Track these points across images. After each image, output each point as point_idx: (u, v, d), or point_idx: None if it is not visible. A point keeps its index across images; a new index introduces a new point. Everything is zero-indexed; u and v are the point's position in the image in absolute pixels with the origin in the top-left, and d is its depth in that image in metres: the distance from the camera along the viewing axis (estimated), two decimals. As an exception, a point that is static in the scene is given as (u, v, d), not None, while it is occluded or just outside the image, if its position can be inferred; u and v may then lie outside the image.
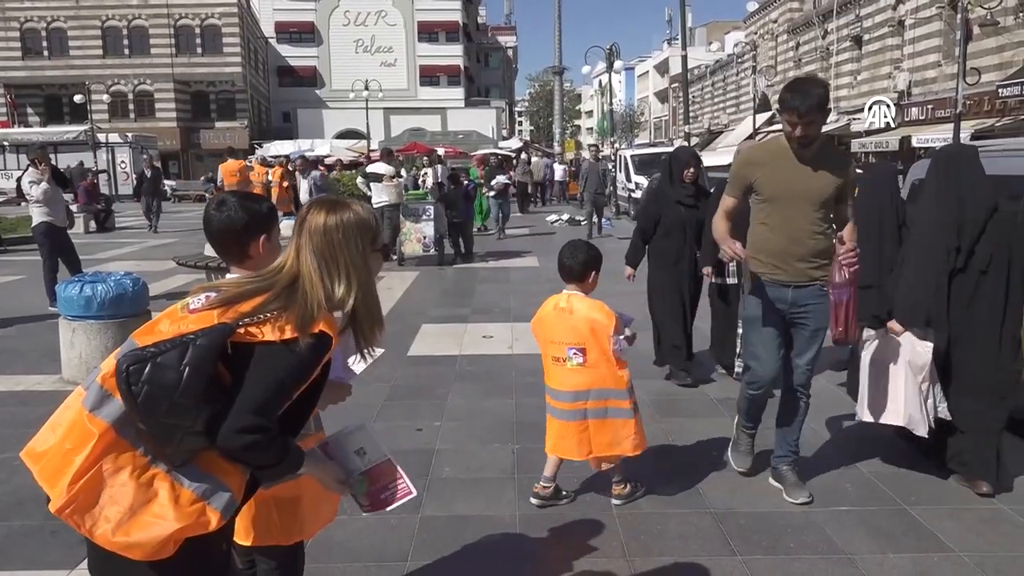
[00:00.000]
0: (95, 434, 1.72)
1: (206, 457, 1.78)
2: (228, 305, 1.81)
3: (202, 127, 47.86)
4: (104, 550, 1.73)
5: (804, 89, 3.50)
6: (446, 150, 26.52)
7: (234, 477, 1.82)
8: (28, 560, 3.36)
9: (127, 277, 6.10)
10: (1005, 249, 3.86)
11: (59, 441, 1.75)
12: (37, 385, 6.03)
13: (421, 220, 12.80)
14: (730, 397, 5.51)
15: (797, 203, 3.68)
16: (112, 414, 1.73)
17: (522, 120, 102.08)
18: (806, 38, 39.94)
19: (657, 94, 77.01)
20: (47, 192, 8.85)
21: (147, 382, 1.66)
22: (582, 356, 3.69)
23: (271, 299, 1.82)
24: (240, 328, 1.77)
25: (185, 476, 1.76)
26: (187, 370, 1.68)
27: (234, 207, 2.15)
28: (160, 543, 1.72)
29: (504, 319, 8.31)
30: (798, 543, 3.47)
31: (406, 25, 54.75)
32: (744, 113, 45.84)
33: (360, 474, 2.05)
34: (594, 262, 3.79)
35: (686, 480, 4.15)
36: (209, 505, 1.77)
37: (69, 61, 46.50)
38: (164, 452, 1.74)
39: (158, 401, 1.67)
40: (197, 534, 1.76)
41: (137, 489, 1.72)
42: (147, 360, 1.68)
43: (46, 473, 1.74)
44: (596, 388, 3.67)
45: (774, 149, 3.80)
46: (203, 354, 1.70)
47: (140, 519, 1.71)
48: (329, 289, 1.87)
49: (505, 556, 3.42)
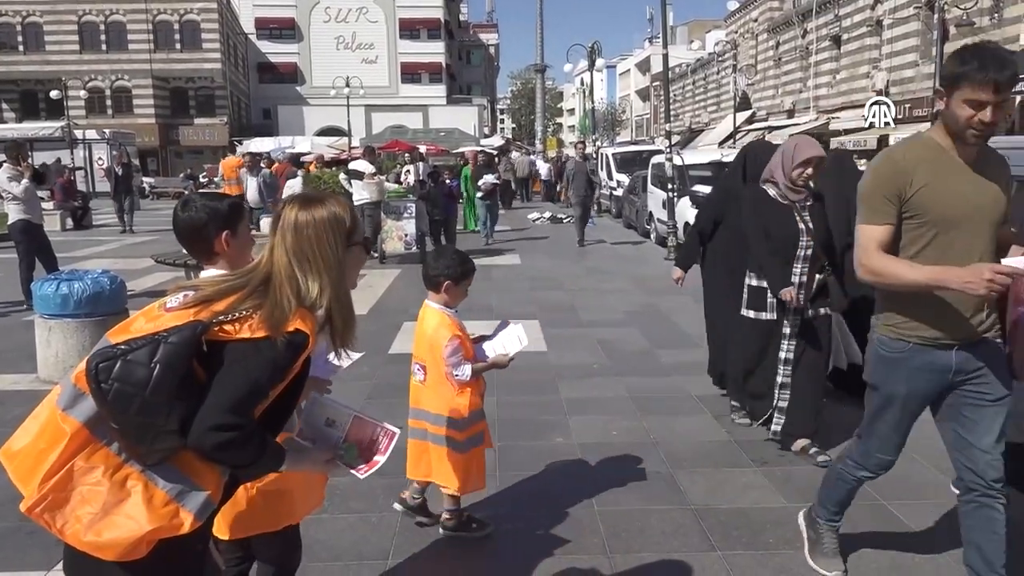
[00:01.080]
0: (67, 433, 1.70)
1: (182, 458, 1.75)
2: (204, 304, 1.80)
3: (181, 123, 47.46)
4: (76, 553, 1.72)
5: (998, 55, 2.48)
6: (428, 147, 26.47)
7: (210, 478, 1.80)
8: (4, 561, 3.33)
9: (104, 275, 6.04)
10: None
11: (33, 440, 1.74)
12: (14, 384, 5.96)
13: (403, 218, 12.78)
14: (710, 394, 5.54)
15: (975, 225, 2.64)
16: (85, 412, 1.71)
17: (504, 118, 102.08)
18: (786, 37, 40.24)
19: (639, 92, 77.27)
20: (28, 189, 8.75)
21: (116, 379, 1.65)
22: (422, 373, 3.37)
23: (244, 297, 1.81)
24: (215, 326, 1.75)
25: (160, 476, 1.74)
26: (157, 367, 1.66)
27: (197, 206, 2.19)
28: (132, 544, 1.69)
29: (486, 317, 8.28)
30: (777, 538, 3.50)
31: (387, 22, 54.55)
32: (725, 111, 46.09)
33: (344, 443, 2.04)
34: (447, 272, 3.31)
35: (667, 477, 4.17)
36: (183, 507, 1.74)
37: (45, 56, 45.92)
38: (138, 451, 1.72)
39: (128, 399, 1.65)
40: (170, 535, 1.74)
41: (110, 489, 1.70)
42: (117, 357, 1.67)
43: (20, 472, 1.73)
44: (433, 412, 3.34)
45: (928, 149, 2.66)
46: (174, 351, 1.68)
47: (112, 519, 1.69)
48: (302, 287, 1.85)
49: (485, 553, 3.43)
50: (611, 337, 7.40)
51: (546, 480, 4.16)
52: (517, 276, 11.29)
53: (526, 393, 5.68)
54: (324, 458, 2.03)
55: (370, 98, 48.68)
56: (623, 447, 4.60)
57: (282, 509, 2.43)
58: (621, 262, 12.68)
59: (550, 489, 4.03)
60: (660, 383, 5.93)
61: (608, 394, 5.66)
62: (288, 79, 54.24)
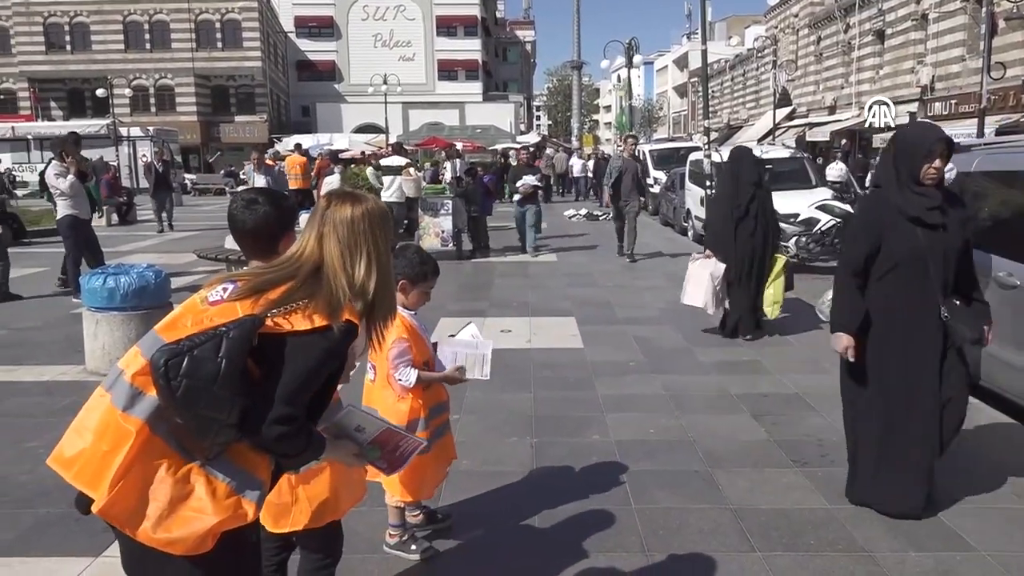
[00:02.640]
0: (132, 432, 1.72)
1: (235, 449, 1.79)
2: (251, 296, 1.81)
3: (222, 121, 48.19)
4: (142, 547, 1.73)
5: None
6: (464, 144, 26.53)
7: (263, 467, 1.84)
8: (53, 547, 3.41)
9: (149, 269, 6.16)
10: (764, 208, 7.03)
11: (93, 443, 1.75)
12: (61, 376, 6.10)
13: (439, 214, 12.81)
14: (748, 393, 5.49)
15: None
16: (146, 411, 1.74)
17: (540, 115, 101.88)
18: (827, 32, 39.53)
19: (676, 88, 76.57)
20: (75, 185, 8.95)
21: (186, 376, 1.66)
22: (373, 372, 3.22)
23: (296, 288, 1.83)
24: (269, 319, 1.77)
25: (218, 470, 1.77)
26: (223, 362, 1.68)
27: (267, 204, 2.18)
28: (200, 538, 1.73)
29: (522, 313, 8.31)
30: (818, 540, 3.45)
31: (424, 19, 54.78)
32: (764, 108, 45.46)
33: (368, 444, 2.12)
34: (404, 271, 3.08)
35: (705, 476, 4.14)
36: (244, 497, 1.78)
37: (91, 55, 46.94)
38: (200, 446, 1.74)
39: (197, 394, 1.67)
40: (234, 527, 1.78)
41: (174, 484, 1.73)
42: (184, 353, 1.68)
43: (85, 477, 1.74)
44: (380, 413, 3.12)
45: None
46: (237, 346, 1.70)
47: (180, 515, 1.72)
48: (352, 277, 1.88)
49: (523, 549, 3.43)
50: (647, 334, 7.35)
51: (583, 477, 4.15)
52: (553, 273, 11.27)
53: (563, 389, 5.67)
54: (353, 451, 2.09)
55: (407, 95, 48.98)
56: (661, 445, 4.57)
57: (327, 506, 2.47)
58: (657, 259, 12.59)
59: (587, 486, 4.02)
60: (698, 381, 5.87)
61: (645, 391, 5.62)
62: (326, 77, 54.77)
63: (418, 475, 3.18)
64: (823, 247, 11.38)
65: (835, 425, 4.82)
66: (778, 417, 5.03)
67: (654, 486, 4.00)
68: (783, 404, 5.30)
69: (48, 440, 4.59)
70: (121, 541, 1.80)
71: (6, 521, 3.66)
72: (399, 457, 2.18)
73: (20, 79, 47.10)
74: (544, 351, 6.77)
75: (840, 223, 11.31)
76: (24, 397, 5.58)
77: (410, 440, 2.21)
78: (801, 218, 11.60)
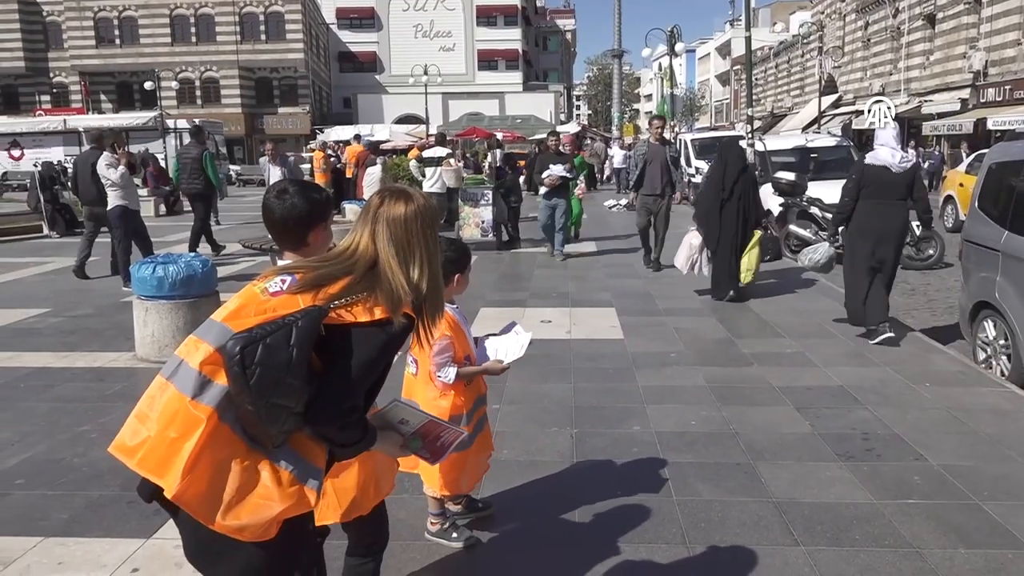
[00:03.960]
0: (202, 419, 1.74)
1: (296, 439, 1.82)
2: (311, 290, 1.84)
3: (265, 112, 48.86)
4: (211, 534, 1.76)
5: None
6: (504, 135, 26.52)
7: (321, 457, 1.88)
8: (106, 529, 3.50)
9: (197, 259, 6.29)
10: (747, 190, 8.29)
11: (160, 431, 1.77)
12: (112, 362, 6.27)
13: (480, 205, 12.84)
14: (792, 386, 5.42)
15: None
16: (215, 398, 1.76)
17: (580, 104, 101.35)
18: (875, 17, 38.62)
19: (718, 77, 75.53)
20: (125, 175, 9.16)
21: (260, 363, 1.69)
22: (415, 366, 3.21)
23: (355, 282, 1.86)
24: (332, 311, 1.80)
25: (282, 457, 1.80)
26: (295, 350, 1.71)
27: (297, 196, 2.19)
28: (267, 524, 1.77)
29: (562, 304, 8.30)
30: (864, 535, 3.40)
31: (465, 9, 54.81)
32: (809, 96, 44.67)
33: (411, 435, 2.17)
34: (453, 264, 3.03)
35: (747, 469, 4.09)
36: (306, 485, 1.82)
37: (139, 49, 47.90)
38: (268, 434, 1.77)
39: (270, 381, 1.69)
40: (297, 514, 1.82)
41: (242, 473, 1.76)
42: (258, 341, 1.71)
43: (151, 463, 1.76)
44: (423, 407, 3.10)
45: None
46: (306, 335, 1.73)
47: (249, 502, 1.75)
48: (409, 275, 1.91)
49: (563, 539, 3.44)
50: (689, 325, 7.29)
51: (624, 468, 4.14)
52: (592, 263, 11.23)
53: (603, 380, 5.66)
54: (398, 443, 2.13)
55: (447, 86, 49.12)
56: (702, 437, 4.54)
57: (354, 502, 2.51)
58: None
59: (628, 477, 4.01)
60: (739, 373, 5.81)
61: (686, 383, 5.58)
62: (368, 68, 55.16)
63: (457, 468, 3.20)
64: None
65: (882, 419, 4.75)
66: (822, 410, 4.96)
67: (695, 478, 3.98)
68: (827, 397, 5.22)
69: (100, 424, 4.74)
70: (184, 528, 1.83)
71: (61, 502, 3.78)
72: (441, 447, 2.23)
73: (72, 73, 48.31)
74: (584, 342, 6.76)
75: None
76: (77, 382, 5.75)
77: (452, 431, 2.25)
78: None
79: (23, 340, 7.01)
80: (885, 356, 6.15)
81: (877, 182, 6.56)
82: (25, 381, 5.79)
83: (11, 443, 4.56)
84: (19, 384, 5.72)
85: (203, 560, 1.87)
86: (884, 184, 6.54)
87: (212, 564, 1.87)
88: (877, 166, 6.59)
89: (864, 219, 6.62)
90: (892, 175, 6.53)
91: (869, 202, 6.60)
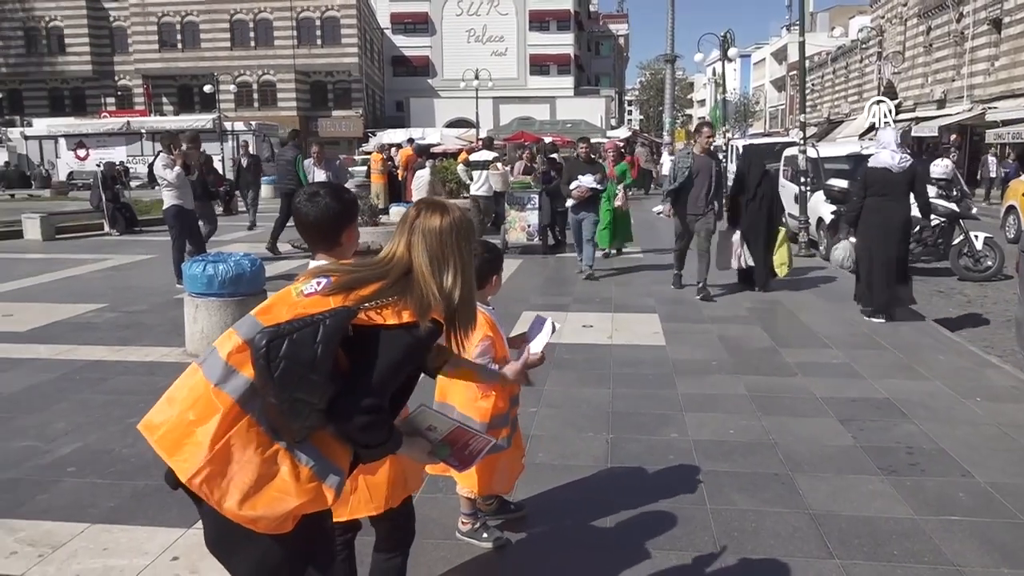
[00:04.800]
0: (219, 408, 1.80)
1: (318, 436, 1.86)
2: (343, 292, 1.88)
3: (320, 116, 49.69)
4: (226, 523, 1.82)
5: None
6: (553, 139, 26.52)
7: (343, 457, 1.91)
8: (149, 518, 3.62)
9: (246, 258, 6.44)
10: (769, 191, 9.16)
11: (180, 413, 1.83)
12: (164, 357, 6.45)
13: (526, 208, 12.86)
14: (836, 397, 5.32)
15: None
16: (238, 389, 1.81)
17: (631, 109, 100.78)
18: (938, 22, 37.58)
19: (774, 82, 74.38)
20: (180, 176, 9.42)
21: (285, 358, 1.73)
22: None
23: (388, 286, 1.90)
24: (361, 312, 1.84)
25: (303, 453, 1.84)
26: (320, 348, 1.75)
27: (329, 197, 2.25)
28: (282, 518, 1.81)
29: (605, 309, 8.28)
30: (902, 551, 3.32)
31: (518, 14, 54.99)
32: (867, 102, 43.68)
33: (440, 441, 2.18)
34: (488, 265, 3.11)
35: (785, 479, 4.03)
36: (325, 483, 1.85)
37: (200, 53, 49.17)
38: (290, 428, 1.81)
39: (294, 376, 1.73)
40: (314, 511, 1.85)
41: (261, 464, 1.80)
42: (285, 336, 1.75)
43: (166, 443, 1.83)
44: (459, 409, 3.15)
45: None
46: (332, 333, 1.77)
47: (265, 493, 1.79)
48: (442, 285, 1.95)
49: (594, 544, 3.43)
50: (734, 333, 7.20)
51: (658, 475, 4.11)
52: (638, 269, 11.17)
53: (642, 387, 5.63)
54: (426, 449, 2.15)
55: (498, 90, 49.34)
56: (740, 446, 4.48)
57: (385, 496, 2.54)
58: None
59: (661, 484, 3.98)
60: (782, 383, 5.72)
61: (727, 391, 5.52)
62: (420, 72, 55.73)
63: (491, 469, 3.23)
64: (925, 248, 10.85)
65: (928, 434, 4.64)
66: (866, 422, 4.85)
67: (731, 487, 3.93)
68: (872, 409, 5.11)
69: (149, 417, 4.88)
70: (206, 517, 1.88)
71: (108, 491, 3.91)
72: (470, 455, 2.23)
73: (135, 76, 49.83)
74: (625, 348, 6.73)
75: (945, 223, 10.76)
76: (130, 376, 5.94)
77: (480, 438, 2.25)
78: (902, 217, 11.09)
79: (80, 334, 7.26)
80: (936, 369, 5.99)
81: (880, 182, 7.51)
82: (81, 373, 6.00)
83: (66, 432, 4.74)
84: (75, 376, 5.93)
85: (222, 550, 1.92)
86: (886, 183, 7.49)
87: (230, 554, 1.91)
88: (879, 168, 7.57)
89: (871, 215, 7.59)
90: (893, 175, 7.47)
91: (874, 200, 7.55)
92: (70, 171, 36.11)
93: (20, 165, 39.01)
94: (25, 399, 5.38)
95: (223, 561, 1.95)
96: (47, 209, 18.12)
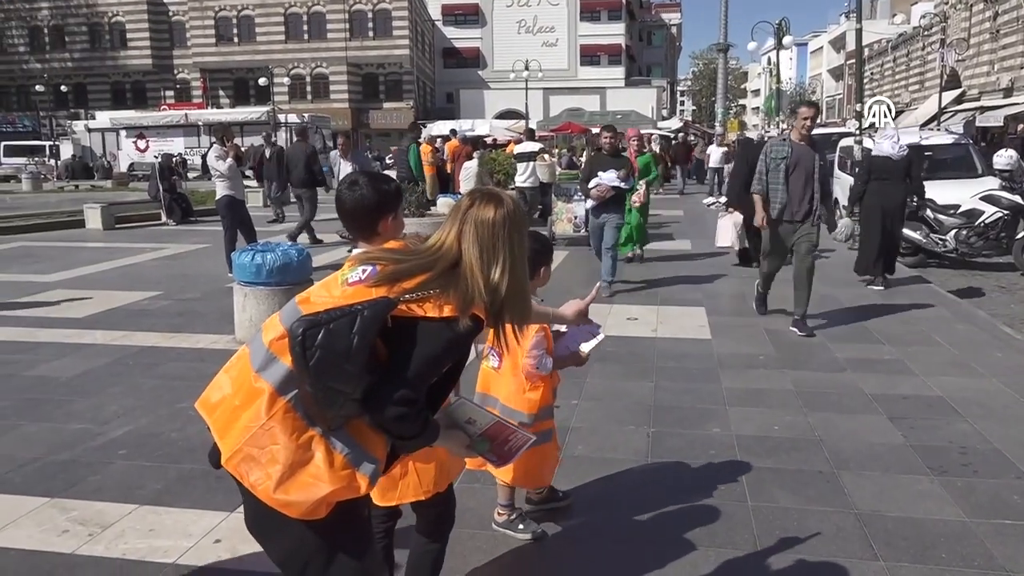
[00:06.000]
0: (262, 392, 1.84)
1: (355, 425, 1.87)
2: (387, 284, 1.87)
3: (371, 107, 50.24)
4: (263, 507, 1.85)
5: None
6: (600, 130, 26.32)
7: (379, 446, 1.91)
8: (194, 500, 3.71)
9: (293, 248, 6.55)
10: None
11: (230, 396, 1.89)
12: (213, 344, 6.60)
13: (573, 200, 12.79)
14: (886, 394, 5.18)
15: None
16: (276, 376, 1.84)
17: (684, 99, 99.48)
18: (1006, 7, 36.17)
19: (831, 71, 72.62)
20: (232, 167, 9.61)
21: (320, 347, 1.74)
22: (497, 360, 3.18)
23: (433, 279, 1.88)
24: (402, 303, 1.84)
25: (338, 440, 1.85)
26: (356, 338, 1.75)
27: (366, 187, 2.26)
28: (315, 504, 1.82)
29: (651, 302, 8.19)
30: (951, 554, 3.21)
31: (568, 4, 54.71)
32: (929, 91, 42.35)
33: (479, 436, 2.17)
34: (537, 256, 3.03)
35: (829, 477, 3.94)
36: (359, 471, 1.86)
37: (255, 47, 50.12)
38: (325, 416, 1.83)
39: (329, 365, 1.75)
40: (347, 498, 1.87)
41: (296, 449, 1.82)
42: (321, 325, 1.76)
43: (218, 425, 1.89)
44: (503, 401, 3.16)
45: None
46: (369, 324, 1.77)
47: (299, 479, 1.81)
48: (488, 278, 1.91)
49: (631, 538, 3.40)
50: (781, 328, 7.06)
51: (699, 470, 4.06)
52: (685, 261, 11.02)
53: (686, 380, 5.56)
54: (464, 442, 2.15)
55: (548, 81, 49.15)
56: (784, 442, 4.39)
57: (433, 480, 2.55)
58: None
59: (701, 479, 3.93)
60: (830, 379, 5.59)
61: (773, 386, 5.41)
62: (471, 63, 55.88)
63: (523, 464, 3.21)
64: (986, 241, 10.48)
65: (982, 433, 4.48)
66: (917, 421, 4.71)
67: (773, 484, 3.86)
68: (924, 407, 4.95)
69: (197, 402, 5.00)
70: (246, 499, 1.92)
71: (155, 473, 4.02)
72: (508, 451, 2.21)
73: (193, 70, 51.04)
74: (669, 341, 6.66)
75: (1008, 216, 10.38)
76: (180, 362, 6.09)
77: (520, 435, 2.22)
78: (962, 209, 10.73)
79: (136, 320, 7.47)
80: (994, 367, 5.79)
81: (882, 167, 8.93)
82: (135, 359, 6.18)
83: (118, 415, 4.88)
84: (128, 361, 6.11)
85: (259, 532, 1.96)
86: (887, 169, 8.89)
87: (267, 537, 1.95)
88: (881, 156, 8.99)
89: (873, 197, 8.99)
90: (893, 162, 8.88)
91: (876, 183, 8.96)
92: (131, 162, 37.21)
93: (84, 157, 40.35)
94: (80, 383, 5.56)
95: (261, 542, 1.99)
96: (108, 200, 18.71)
